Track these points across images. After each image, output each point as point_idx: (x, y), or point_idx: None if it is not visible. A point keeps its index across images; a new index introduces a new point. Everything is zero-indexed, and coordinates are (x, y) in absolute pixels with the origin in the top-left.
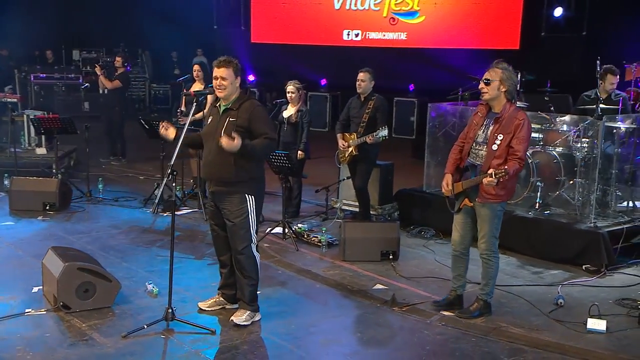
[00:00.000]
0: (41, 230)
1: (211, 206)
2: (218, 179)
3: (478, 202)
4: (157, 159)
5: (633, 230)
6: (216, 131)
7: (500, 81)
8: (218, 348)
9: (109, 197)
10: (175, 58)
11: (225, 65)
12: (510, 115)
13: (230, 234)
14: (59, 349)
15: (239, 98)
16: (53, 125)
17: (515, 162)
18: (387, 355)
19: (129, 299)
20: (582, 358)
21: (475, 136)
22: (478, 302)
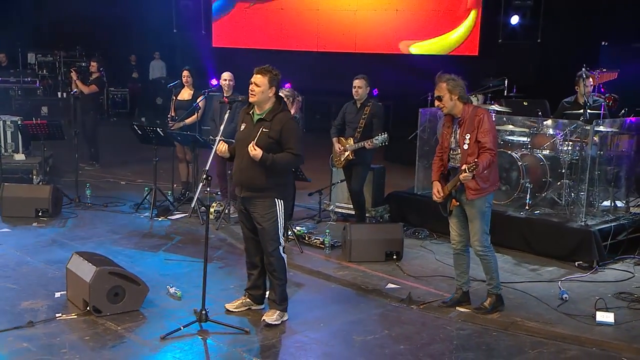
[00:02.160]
0: (41, 237)
1: (241, 211)
2: (249, 185)
3: (467, 200)
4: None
5: (619, 228)
6: (249, 139)
7: (449, 93)
8: (259, 347)
9: (97, 202)
10: (134, 62)
11: (262, 73)
12: (470, 115)
13: (261, 237)
14: (103, 351)
15: (273, 109)
16: (40, 130)
17: (486, 153)
18: (419, 350)
19: (154, 302)
20: (599, 348)
21: (449, 144)
22: (490, 297)
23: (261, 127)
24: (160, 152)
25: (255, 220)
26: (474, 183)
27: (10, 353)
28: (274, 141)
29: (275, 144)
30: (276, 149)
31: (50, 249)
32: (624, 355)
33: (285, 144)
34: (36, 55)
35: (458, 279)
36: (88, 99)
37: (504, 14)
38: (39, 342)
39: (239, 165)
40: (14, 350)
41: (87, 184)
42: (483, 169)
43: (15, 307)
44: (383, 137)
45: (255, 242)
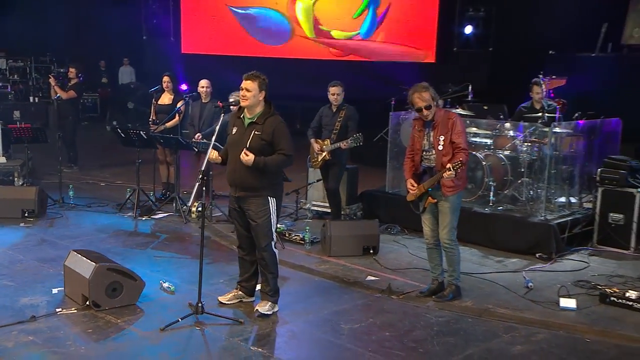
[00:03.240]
0: (30, 236)
1: (235, 209)
2: (243, 185)
3: (443, 197)
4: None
5: (574, 222)
6: (241, 142)
7: (432, 99)
8: (254, 336)
9: (81, 203)
10: (103, 67)
11: (252, 79)
12: (443, 118)
13: (254, 233)
14: (107, 342)
15: (265, 113)
16: (24, 134)
17: (461, 153)
18: (403, 336)
19: (149, 297)
20: (565, 331)
21: (422, 146)
22: (450, 287)
23: (253, 130)
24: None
25: (249, 217)
26: (450, 181)
27: (17, 346)
28: (266, 143)
29: (267, 146)
30: (268, 150)
31: (41, 248)
32: (587, 337)
33: (276, 145)
34: (7, 60)
35: (433, 271)
36: (67, 104)
37: (459, 24)
38: (44, 336)
39: (232, 167)
40: (20, 344)
41: (70, 186)
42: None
43: (14, 303)
44: (357, 137)
45: (248, 239)
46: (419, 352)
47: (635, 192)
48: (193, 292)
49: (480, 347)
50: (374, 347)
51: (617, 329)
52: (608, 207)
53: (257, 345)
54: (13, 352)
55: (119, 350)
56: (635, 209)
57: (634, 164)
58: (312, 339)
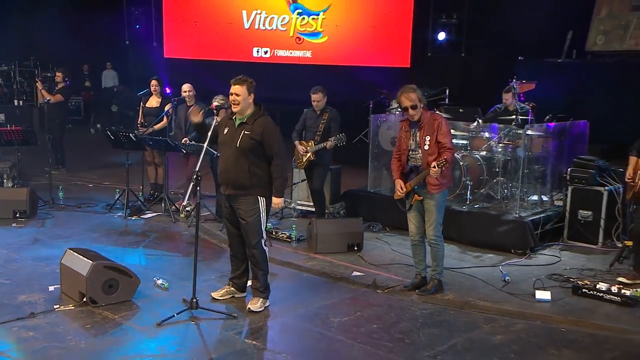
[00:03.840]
0: (23, 236)
1: (226, 207)
2: (234, 184)
3: (428, 195)
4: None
5: (546, 219)
6: (232, 141)
7: (419, 100)
8: (248, 330)
9: (70, 204)
10: (86, 71)
11: (240, 83)
12: (429, 120)
13: (244, 231)
14: (106, 336)
15: (254, 114)
16: (14, 136)
17: (447, 152)
18: (390, 327)
19: (144, 293)
20: (541, 322)
21: (408, 146)
22: (432, 281)
23: (243, 130)
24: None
25: (239, 216)
26: (435, 179)
27: (18, 341)
28: (256, 142)
29: (257, 145)
30: (258, 149)
31: (35, 247)
32: (562, 327)
33: (269, 148)
34: None
35: (417, 266)
36: (54, 108)
37: (432, 31)
38: (44, 331)
39: (224, 166)
40: (21, 339)
41: (60, 187)
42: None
43: (12, 300)
44: (341, 137)
45: (239, 237)
46: (406, 343)
47: (602, 190)
48: (186, 288)
49: (463, 337)
50: (362, 339)
51: (589, 319)
52: (577, 204)
53: (250, 338)
54: (15, 347)
55: (118, 344)
56: (602, 206)
57: (602, 163)
58: (304, 332)
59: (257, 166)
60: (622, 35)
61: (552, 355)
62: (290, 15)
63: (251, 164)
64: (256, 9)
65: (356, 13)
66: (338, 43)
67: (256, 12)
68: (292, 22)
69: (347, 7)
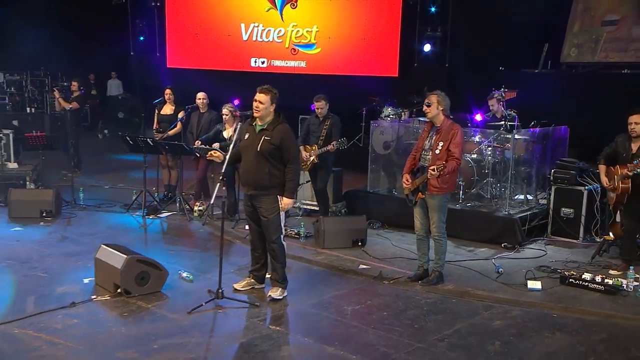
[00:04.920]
0: (53, 234)
1: (248, 206)
2: (255, 184)
3: (427, 195)
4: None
5: (532, 216)
6: (253, 146)
7: (437, 102)
8: (270, 317)
9: (91, 204)
10: (93, 80)
11: (265, 93)
12: (447, 127)
13: (265, 228)
14: (143, 323)
15: (274, 121)
16: (39, 142)
17: (453, 161)
18: (399, 314)
19: (171, 285)
20: (535, 309)
21: (424, 145)
22: (434, 273)
23: (263, 136)
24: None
25: (260, 214)
26: (436, 182)
27: (65, 328)
28: (275, 147)
29: (276, 149)
30: (277, 153)
31: (64, 244)
32: (553, 312)
33: (286, 153)
34: (4, 74)
35: (420, 259)
36: (72, 114)
37: (418, 42)
38: (86, 319)
39: (246, 168)
40: (67, 326)
41: (80, 188)
42: (448, 172)
43: (52, 291)
44: (342, 141)
45: (259, 233)
46: (415, 328)
47: (583, 190)
48: (207, 280)
49: (466, 323)
50: (375, 325)
51: (577, 305)
52: (560, 203)
53: (274, 325)
54: (63, 333)
55: (156, 330)
56: (583, 204)
57: (582, 165)
58: (321, 319)
59: (276, 168)
60: (593, 48)
61: (547, 337)
62: (286, 28)
63: (271, 166)
64: (254, 22)
65: (347, 26)
66: (331, 54)
67: (254, 25)
68: (288, 34)
69: (338, 21)
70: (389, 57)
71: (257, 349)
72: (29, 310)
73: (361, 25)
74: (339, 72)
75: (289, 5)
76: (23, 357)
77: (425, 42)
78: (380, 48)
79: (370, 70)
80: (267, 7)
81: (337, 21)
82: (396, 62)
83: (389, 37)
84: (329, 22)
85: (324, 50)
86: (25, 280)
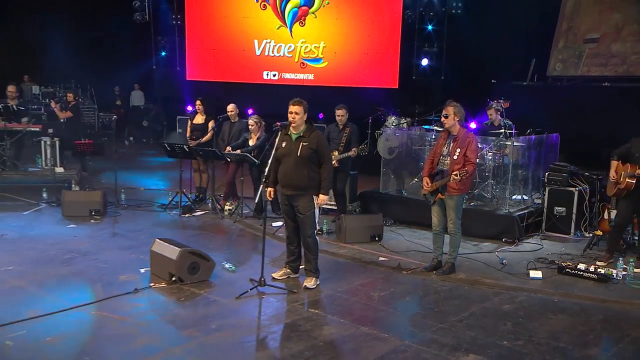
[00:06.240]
0: (103, 230)
1: (286, 205)
2: (295, 186)
3: (447, 195)
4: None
5: (529, 214)
6: (292, 152)
7: (454, 114)
8: (307, 302)
9: (131, 204)
10: (117, 92)
11: (298, 104)
12: (463, 135)
13: (301, 224)
14: (199, 307)
15: (308, 129)
16: (87, 148)
17: (470, 165)
18: (420, 299)
19: (217, 274)
20: (539, 294)
21: (441, 152)
22: (447, 264)
23: (301, 142)
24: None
25: (297, 211)
26: (454, 184)
27: (133, 310)
28: (312, 151)
29: (313, 153)
30: (314, 156)
31: (116, 239)
32: (555, 298)
33: (321, 156)
34: (40, 87)
35: (435, 252)
36: (66, 123)
37: (417, 57)
38: (149, 303)
39: (285, 172)
40: (135, 308)
41: (122, 190)
42: (468, 176)
43: (115, 279)
44: (364, 147)
45: (295, 229)
46: (435, 311)
47: (574, 191)
48: (246, 271)
49: (479, 307)
50: (400, 308)
51: (575, 292)
52: (553, 202)
53: (312, 308)
54: (132, 314)
55: (212, 313)
56: (574, 203)
57: (573, 168)
58: (352, 303)
59: (313, 171)
60: (576, 63)
61: (551, 319)
62: (295, 44)
63: (309, 169)
64: (266, 38)
65: (352, 42)
66: (336, 67)
67: (266, 41)
68: (297, 49)
69: (344, 37)
70: (389, 70)
71: (302, 329)
72: (99, 295)
73: (364, 42)
74: (344, 83)
75: (298, 23)
76: (103, 334)
77: (423, 57)
78: (381, 62)
79: (372, 82)
80: (278, 25)
81: (342, 38)
82: (396, 75)
83: (389, 52)
84: (335, 39)
85: (330, 64)
86: (89, 270)
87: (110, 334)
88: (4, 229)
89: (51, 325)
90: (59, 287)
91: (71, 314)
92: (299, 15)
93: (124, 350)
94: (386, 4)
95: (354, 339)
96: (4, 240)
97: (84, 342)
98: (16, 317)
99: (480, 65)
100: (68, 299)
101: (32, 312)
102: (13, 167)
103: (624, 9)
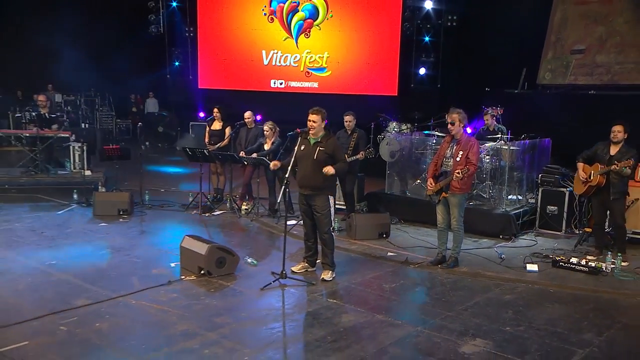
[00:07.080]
0: (132, 228)
1: (304, 204)
2: (312, 186)
3: (450, 194)
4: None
5: (524, 213)
6: (309, 155)
7: (459, 121)
8: (326, 292)
9: (155, 204)
10: (134, 99)
11: (317, 113)
12: (465, 140)
13: (318, 222)
14: (228, 297)
15: (325, 135)
16: (114, 153)
17: (472, 166)
18: (429, 291)
19: (240, 268)
20: (536, 285)
21: (445, 154)
22: (451, 258)
23: (318, 147)
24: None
25: (314, 210)
26: (457, 183)
27: (169, 300)
28: (328, 155)
29: (329, 157)
30: (329, 159)
31: (145, 236)
32: (550, 289)
33: (336, 157)
34: (62, 95)
35: (439, 247)
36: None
37: (415, 67)
38: (183, 293)
39: (303, 173)
40: (170, 298)
41: (146, 191)
42: (469, 175)
43: (149, 272)
44: (371, 151)
45: (312, 226)
46: (442, 301)
47: (565, 191)
48: (267, 265)
49: (482, 297)
50: (411, 298)
51: (568, 283)
52: (546, 201)
53: (331, 298)
54: (168, 303)
55: (240, 302)
56: (565, 202)
57: (564, 170)
58: (367, 294)
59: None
60: (564, 73)
61: (548, 307)
62: (301, 54)
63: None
64: (273, 49)
65: (354, 52)
66: (339, 76)
67: (273, 51)
68: (302, 59)
69: (346, 48)
70: (389, 79)
71: (323, 316)
72: (137, 286)
73: (366, 52)
74: (346, 91)
75: (303, 35)
76: (145, 321)
77: (421, 66)
78: (382, 71)
79: (373, 90)
80: (284, 36)
81: (345, 48)
82: (395, 83)
83: (389, 62)
84: (338, 49)
85: (333, 73)
86: (124, 264)
87: (151, 320)
88: (42, 227)
89: (98, 313)
90: (100, 279)
91: (114, 304)
92: (304, 28)
93: (165, 334)
94: (386, 16)
95: (370, 325)
96: (44, 238)
97: (129, 328)
98: (66, 305)
99: (474, 74)
100: (109, 290)
101: (80, 302)
102: (45, 170)
103: (608, 22)
